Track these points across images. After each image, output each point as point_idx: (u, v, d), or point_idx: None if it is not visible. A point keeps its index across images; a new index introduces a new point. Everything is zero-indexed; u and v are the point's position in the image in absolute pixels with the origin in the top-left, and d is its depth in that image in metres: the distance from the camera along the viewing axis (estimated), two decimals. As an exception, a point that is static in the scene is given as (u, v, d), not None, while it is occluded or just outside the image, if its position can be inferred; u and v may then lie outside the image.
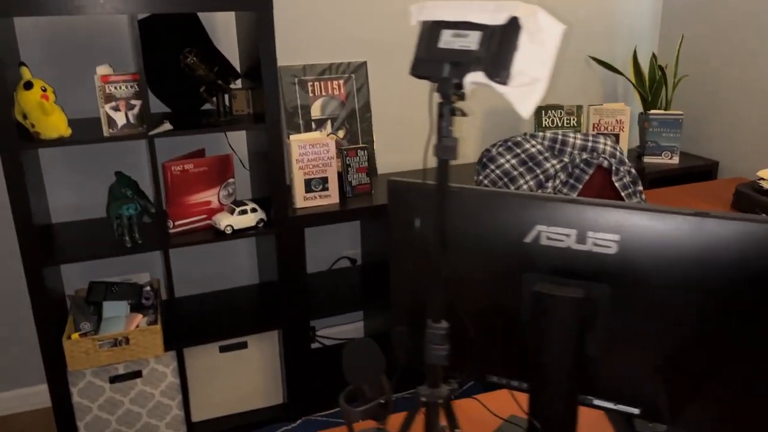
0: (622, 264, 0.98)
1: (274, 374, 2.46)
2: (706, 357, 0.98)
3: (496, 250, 1.05)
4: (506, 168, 2.10)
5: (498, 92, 0.77)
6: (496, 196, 1.04)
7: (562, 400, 1.03)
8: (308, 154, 2.33)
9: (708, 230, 0.92)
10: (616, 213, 0.97)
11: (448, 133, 0.84)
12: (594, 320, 1.01)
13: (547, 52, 0.75)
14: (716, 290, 0.93)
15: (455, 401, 1.33)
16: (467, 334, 1.13)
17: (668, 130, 2.92)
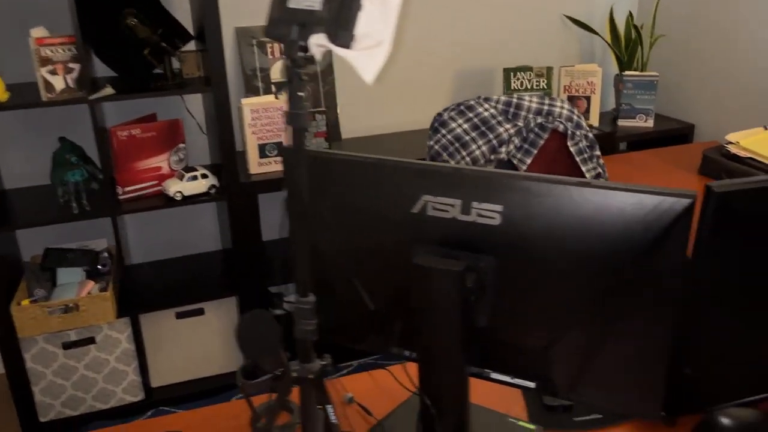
0: (507, 235, 0.93)
1: (232, 341, 2.46)
2: (593, 329, 0.94)
3: (385, 221, 1.01)
4: (458, 133, 2.04)
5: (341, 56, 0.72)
6: (382, 165, 1.00)
7: (450, 372, 1.00)
8: (261, 119, 2.28)
9: (592, 200, 0.88)
10: (499, 183, 0.92)
11: (297, 99, 0.79)
12: (481, 292, 0.97)
13: (389, 11, 0.70)
14: (601, 261, 0.89)
15: (371, 371, 1.31)
16: (366, 307, 1.10)
17: (643, 92, 2.84)
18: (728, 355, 0.95)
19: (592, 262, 0.90)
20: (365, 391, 1.25)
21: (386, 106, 2.83)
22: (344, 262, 1.08)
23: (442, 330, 0.97)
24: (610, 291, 0.91)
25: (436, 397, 1.02)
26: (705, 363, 0.94)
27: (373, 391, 1.26)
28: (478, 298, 0.98)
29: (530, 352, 1.01)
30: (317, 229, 1.09)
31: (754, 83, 2.59)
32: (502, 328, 1.01)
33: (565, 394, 1.02)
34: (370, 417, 1.18)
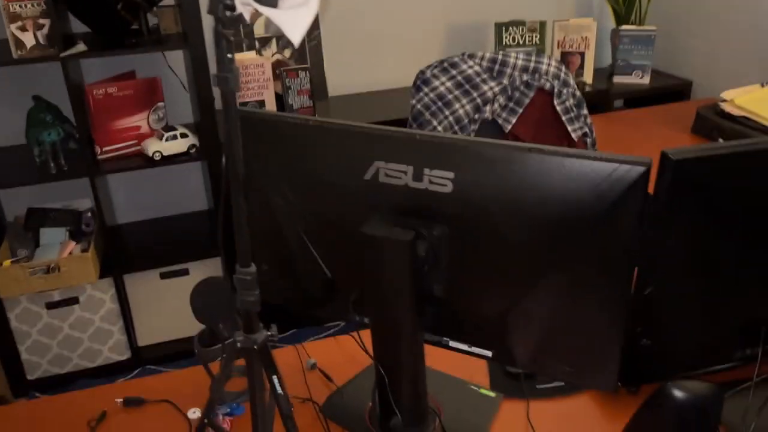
0: (459, 203, 0.90)
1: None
2: (547, 298, 0.91)
3: (338, 188, 0.98)
4: (441, 91, 1.98)
5: (267, 15, 0.68)
6: (332, 129, 0.96)
7: (403, 340, 0.98)
8: (242, 76, 2.22)
9: (545, 167, 0.84)
10: (450, 148, 0.88)
11: (225, 61, 0.75)
12: (435, 261, 0.95)
13: (316, -34, 0.65)
14: (554, 229, 0.86)
15: (337, 337, 1.30)
16: (324, 274, 1.08)
17: (640, 47, 2.75)
18: (685, 326, 0.92)
19: (545, 230, 0.87)
20: (330, 358, 1.24)
21: (375, 63, 2.76)
22: (301, 229, 1.06)
23: (393, 298, 0.94)
24: (563, 260, 0.88)
25: (391, 364, 1.01)
26: (662, 334, 0.92)
27: (337, 357, 1.24)
28: (431, 267, 0.95)
29: (487, 320, 0.98)
30: (274, 196, 1.06)
31: (755, 39, 2.50)
32: (458, 296, 0.98)
33: (522, 363, 1.00)
34: (331, 383, 1.17)
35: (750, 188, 0.83)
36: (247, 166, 1.06)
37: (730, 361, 0.99)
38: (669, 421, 0.85)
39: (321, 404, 1.11)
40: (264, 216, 1.09)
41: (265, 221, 1.10)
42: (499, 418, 1.08)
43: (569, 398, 1.12)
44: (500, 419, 1.08)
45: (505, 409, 1.10)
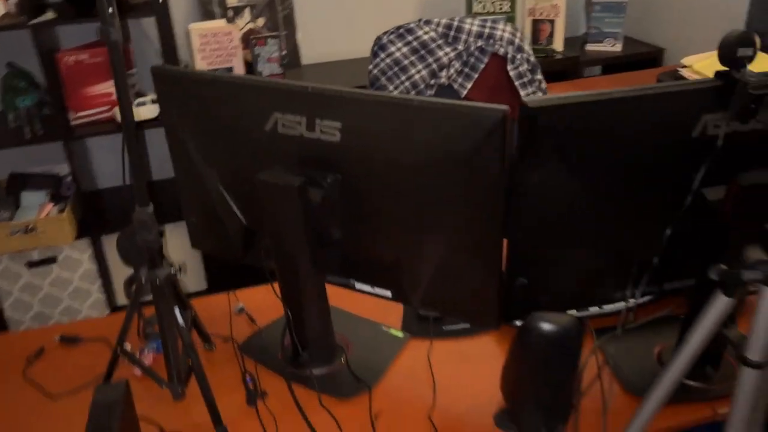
0: (346, 151, 0.97)
1: (195, 262, 2.56)
2: (429, 240, 0.99)
3: (244, 139, 1.06)
4: (397, 57, 2.04)
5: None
6: (235, 84, 1.03)
7: (304, 282, 1.06)
8: (211, 44, 2.29)
9: (415, 117, 0.91)
10: (337, 100, 0.95)
11: (106, 15, 0.82)
12: (330, 207, 1.02)
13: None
14: (428, 173, 0.93)
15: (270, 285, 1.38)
16: (241, 222, 1.16)
17: (612, 14, 2.77)
18: (557, 265, 0.99)
19: (422, 175, 0.94)
20: (259, 303, 1.32)
21: (348, 31, 2.80)
22: (218, 181, 1.13)
23: (290, 241, 1.02)
24: (440, 203, 0.95)
25: (296, 305, 1.09)
26: (537, 273, 0.98)
27: (266, 302, 1.32)
28: (328, 213, 1.03)
29: (382, 262, 1.06)
30: (194, 150, 1.14)
31: (724, 5, 2.51)
32: (356, 240, 1.06)
33: (416, 302, 1.08)
34: (255, 325, 1.26)
35: (607, 133, 0.89)
36: (166, 121, 1.15)
37: (611, 301, 1.06)
38: (534, 350, 0.92)
39: (240, 343, 1.20)
40: (188, 169, 1.17)
41: (189, 174, 1.17)
42: (402, 355, 1.16)
43: (472, 338, 1.20)
44: (404, 356, 1.16)
45: (411, 347, 1.18)
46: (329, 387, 1.08)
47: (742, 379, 0.83)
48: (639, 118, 0.90)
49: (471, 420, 1.02)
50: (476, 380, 1.10)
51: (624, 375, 1.08)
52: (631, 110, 0.89)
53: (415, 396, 1.07)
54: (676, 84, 0.91)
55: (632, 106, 0.89)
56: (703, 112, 0.90)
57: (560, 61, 2.71)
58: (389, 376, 1.12)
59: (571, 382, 0.97)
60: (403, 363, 1.15)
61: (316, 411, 1.04)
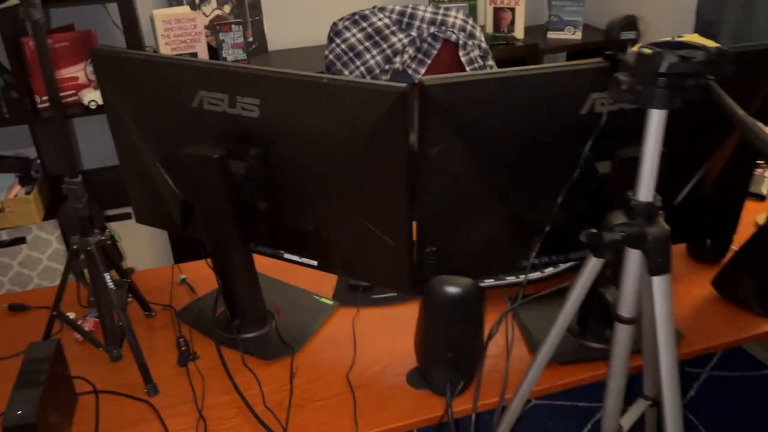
0: (266, 126, 1.04)
1: (163, 242, 2.63)
2: (343, 211, 1.06)
3: (175, 116, 1.12)
4: (352, 42, 2.10)
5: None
6: (164, 63, 1.09)
7: (232, 251, 1.13)
8: (174, 30, 2.34)
9: (325, 94, 0.97)
10: (255, 78, 1.02)
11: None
12: (256, 179, 1.09)
13: None
14: (339, 148, 1.00)
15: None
16: (178, 196, 1.22)
17: (572, 3, 2.83)
18: (462, 234, 1.07)
19: (332, 149, 1.01)
20: (202, 275, 1.39)
21: (314, 19, 2.86)
22: (154, 155, 1.20)
23: (216, 214, 1.09)
24: (352, 176, 1.02)
25: (226, 274, 1.16)
26: (443, 241, 1.06)
27: (209, 275, 1.39)
28: (253, 186, 1.09)
29: (306, 233, 1.13)
30: (132, 126, 1.20)
31: (675, -7, 2.58)
32: (281, 211, 1.13)
33: (339, 271, 1.15)
34: (194, 294, 1.33)
35: (500, 110, 0.96)
36: (106, 100, 1.21)
37: (514, 269, 1.13)
38: (436, 310, 1.00)
39: (178, 310, 1.27)
40: (128, 146, 1.23)
41: (129, 151, 1.24)
42: (330, 322, 1.24)
43: (397, 306, 1.27)
44: (331, 322, 1.24)
45: (339, 315, 1.25)
46: (257, 350, 1.16)
47: (617, 334, 0.91)
48: (531, 95, 0.97)
49: (385, 378, 1.10)
50: (396, 343, 1.17)
51: (531, 337, 1.16)
52: (522, 89, 0.96)
53: (337, 358, 1.15)
54: (566, 64, 0.98)
55: (523, 85, 0.96)
56: (591, 90, 0.98)
57: (521, 49, 2.78)
58: (315, 340, 1.19)
59: (473, 341, 1.04)
60: (329, 329, 1.22)
61: (242, 372, 1.11)
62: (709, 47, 0.69)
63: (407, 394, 1.06)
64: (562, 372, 1.09)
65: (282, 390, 1.08)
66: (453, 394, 1.03)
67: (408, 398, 1.06)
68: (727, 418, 1.99)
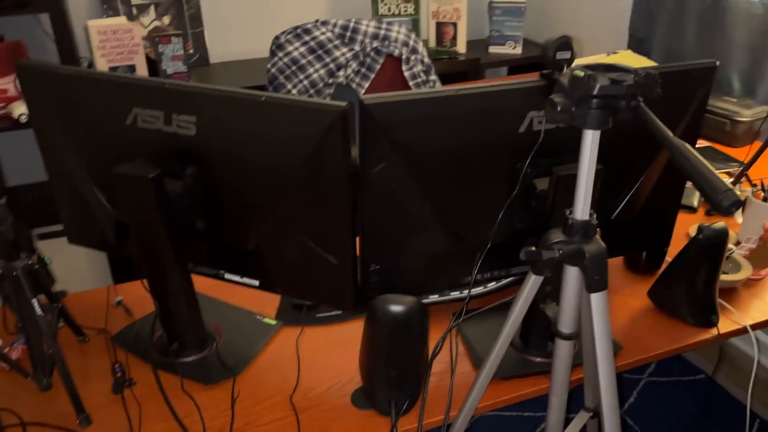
0: (202, 145, 1.01)
1: (101, 261, 2.54)
2: (284, 230, 1.04)
3: (107, 134, 1.08)
4: (294, 56, 2.09)
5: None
6: (97, 79, 1.06)
7: (168, 272, 1.10)
8: (110, 41, 2.28)
9: (263, 112, 0.96)
10: (192, 96, 0.99)
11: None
12: (192, 198, 1.06)
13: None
14: (278, 167, 0.98)
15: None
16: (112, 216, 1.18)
17: (511, 18, 2.90)
18: (405, 252, 1.07)
19: (272, 168, 0.99)
20: (138, 297, 1.34)
21: (256, 31, 2.83)
22: (87, 174, 1.15)
23: (152, 234, 1.06)
24: (292, 195, 1.00)
25: (163, 296, 1.12)
26: (388, 259, 1.05)
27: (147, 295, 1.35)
28: (190, 204, 1.06)
29: (248, 252, 1.11)
30: (63, 144, 1.15)
31: (611, 12, 2.67)
32: (220, 230, 1.10)
33: (281, 290, 1.13)
34: (132, 317, 1.28)
35: (440, 128, 0.97)
36: (34, 116, 1.16)
37: (460, 286, 1.14)
38: (380, 329, 0.99)
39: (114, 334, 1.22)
40: (58, 164, 1.18)
41: (60, 169, 1.19)
42: (273, 342, 1.21)
43: (342, 324, 1.26)
44: (275, 342, 1.21)
45: (282, 335, 1.23)
46: (197, 374, 1.12)
47: (557, 349, 0.92)
48: (470, 114, 0.98)
49: (330, 399, 1.08)
50: (340, 362, 1.16)
51: (475, 353, 1.16)
52: (462, 107, 0.97)
53: (280, 380, 1.12)
54: (505, 83, 0.99)
55: (463, 104, 0.97)
56: (529, 109, 0.99)
57: (463, 63, 2.82)
58: (258, 362, 1.16)
59: (417, 359, 1.04)
60: (273, 349, 1.20)
61: (181, 397, 1.08)
62: (639, 70, 0.71)
63: (352, 415, 1.05)
64: (506, 387, 1.10)
65: (223, 415, 1.05)
66: (398, 414, 1.03)
67: (353, 419, 1.04)
68: (666, 421, 2.05)
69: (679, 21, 2.28)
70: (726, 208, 0.62)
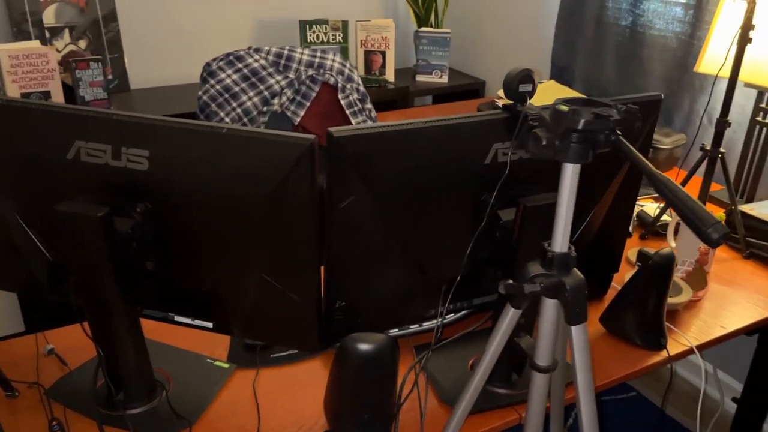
0: (155, 180, 0.95)
1: (9, 305, 2.34)
2: (244, 269, 0.99)
3: (44, 169, 0.99)
4: (227, 83, 2.02)
5: None
6: (32, 109, 0.97)
7: (116, 318, 1.01)
8: (23, 66, 2.13)
9: (224, 145, 0.91)
10: (144, 128, 0.93)
11: None
12: (142, 237, 0.98)
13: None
14: (240, 202, 0.93)
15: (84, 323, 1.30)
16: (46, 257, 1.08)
17: (438, 48, 2.95)
18: (373, 287, 1.04)
19: (233, 204, 0.94)
20: (73, 344, 1.23)
21: (181, 57, 2.74)
22: (17, 213, 1.05)
23: (96, 276, 0.97)
24: (253, 232, 0.95)
25: (108, 343, 1.03)
26: (353, 295, 1.02)
27: (81, 343, 1.24)
28: (140, 244, 0.99)
29: (201, 293, 1.04)
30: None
31: (537, 43, 2.77)
32: (171, 271, 1.03)
33: (237, 332, 1.07)
34: (66, 367, 1.17)
35: (406, 161, 0.95)
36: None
37: (424, 319, 1.12)
38: (345, 368, 0.95)
39: (47, 388, 1.11)
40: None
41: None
42: (228, 387, 1.14)
43: (299, 364, 1.20)
44: (229, 387, 1.14)
45: (237, 378, 1.16)
46: (147, 426, 1.04)
47: (534, 382, 0.91)
48: (436, 147, 0.97)
49: (295, 446, 1.03)
50: (302, 405, 1.10)
51: (440, 387, 1.14)
52: (428, 140, 0.96)
53: (239, 426, 1.05)
54: (469, 116, 0.99)
55: (429, 136, 0.96)
56: (493, 140, 1.00)
57: (392, 91, 2.84)
58: (213, 408, 1.09)
59: (388, 398, 1.01)
60: (228, 394, 1.12)
61: (131, 453, 0.99)
62: (618, 104, 0.73)
63: (320, 461, 1.00)
64: (474, 421, 1.08)
65: (180, 471, 0.97)
66: (370, 457, 0.98)
67: (321, 465, 0.99)
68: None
69: (598, 52, 2.40)
70: (716, 240, 0.64)
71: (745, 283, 1.50)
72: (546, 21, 2.65)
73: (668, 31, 2.12)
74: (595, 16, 2.38)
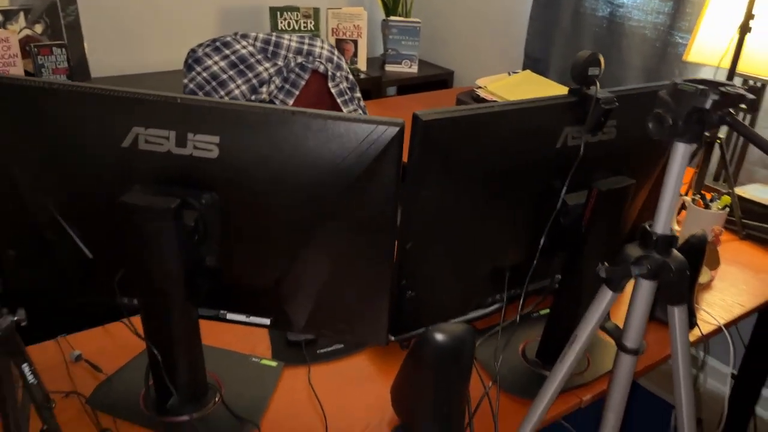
0: (226, 168, 0.88)
1: None
2: (317, 260, 0.94)
3: (93, 159, 0.91)
4: (214, 71, 1.93)
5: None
6: (84, 93, 0.88)
7: (175, 317, 0.94)
8: (-18, 51, 1.95)
9: (305, 129, 0.86)
10: (214, 112, 0.86)
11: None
12: (205, 231, 0.92)
13: None
14: (320, 190, 0.88)
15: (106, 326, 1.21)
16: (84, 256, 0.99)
17: (407, 38, 2.94)
18: (443, 277, 1.01)
19: (312, 192, 0.89)
20: (98, 347, 1.14)
21: (143, 44, 2.60)
22: (54, 207, 0.96)
23: (161, 273, 0.90)
24: (330, 221, 0.91)
25: (163, 343, 0.96)
26: (424, 285, 0.99)
27: (107, 346, 1.15)
28: (202, 237, 0.92)
29: (262, 288, 0.98)
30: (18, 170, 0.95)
31: (505, 34, 2.80)
32: (232, 266, 0.97)
33: (299, 327, 1.02)
34: (100, 373, 1.09)
35: (486, 145, 0.93)
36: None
37: (484, 306, 1.10)
38: (429, 361, 0.92)
39: (88, 396, 1.02)
40: (5, 194, 0.97)
41: (7, 200, 0.98)
42: (281, 386, 1.09)
43: (348, 359, 1.16)
44: (282, 387, 1.09)
45: (287, 377, 1.11)
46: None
47: (620, 364, 0.92)
48: (512, 131, 0.95)
49: (367, 442, 0.99)
50: (363, 400, 1.07)
51: (494, 373, 1.13)
52: (507, 124, 0.94)
53: (305, 424, 1.01)
54: (541, 99, 0.98)
55: (507, 119, 0.94)
56: (564, 124, 0.99)
57: (365, 80, 2.80)
58: (273, 409, 1.04)
59: (465, 391, 0.99)
60: (283, 393, 1.07)
61: (198, 461, 0.93)
62: (731, 85, 0.73)
63: (397, 457, 0.97)
64: (536, 406, 1.07)
65: (255, 477, 0.91)
66: (451, 449, 0.96)
67: (399, 461, 0.96)
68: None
69: (575, 43, 2.45)
70: None
71: (748, 262, 1.57)
72: (519, 11, 2.68)
73: (647, 22, 2.19)
74: (572, 7, 2.43)
